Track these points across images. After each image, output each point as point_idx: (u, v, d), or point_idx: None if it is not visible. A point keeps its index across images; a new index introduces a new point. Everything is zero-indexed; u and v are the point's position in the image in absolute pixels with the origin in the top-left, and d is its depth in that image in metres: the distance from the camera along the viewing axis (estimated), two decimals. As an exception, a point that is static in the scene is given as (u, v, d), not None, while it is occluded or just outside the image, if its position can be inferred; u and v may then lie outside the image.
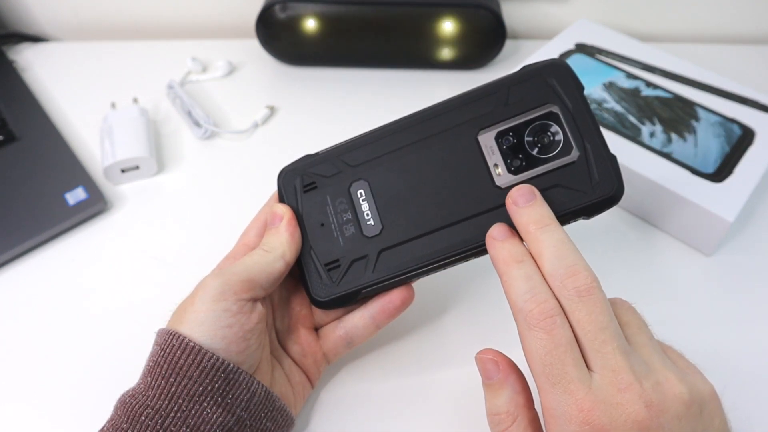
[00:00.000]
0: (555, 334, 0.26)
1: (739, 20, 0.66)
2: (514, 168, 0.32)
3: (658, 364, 0.27)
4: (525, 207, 0.30)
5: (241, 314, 0.31)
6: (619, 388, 0.26)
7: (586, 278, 0.27)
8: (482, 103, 0.33)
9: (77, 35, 0.68)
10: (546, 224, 0.29)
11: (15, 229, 0.45)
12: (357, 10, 0.56)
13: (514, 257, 0.29)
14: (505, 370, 0.29)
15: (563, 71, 0.32)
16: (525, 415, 0.28)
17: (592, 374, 0.26)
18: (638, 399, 0.25)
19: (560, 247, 0.28)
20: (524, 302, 0.27)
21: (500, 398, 0.29)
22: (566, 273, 0.27)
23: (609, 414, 0.25)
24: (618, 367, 0.26)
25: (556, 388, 0.26)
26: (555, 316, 0.27)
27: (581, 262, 0.28)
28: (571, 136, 0.32)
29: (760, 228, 0.47)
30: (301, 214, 0.35)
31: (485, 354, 0.29)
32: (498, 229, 0.30)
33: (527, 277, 0.28)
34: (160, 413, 0.29)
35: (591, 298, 0.27)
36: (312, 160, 0.36)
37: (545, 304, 0.27)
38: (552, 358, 0.26)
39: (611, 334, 0.26)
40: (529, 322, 0.27)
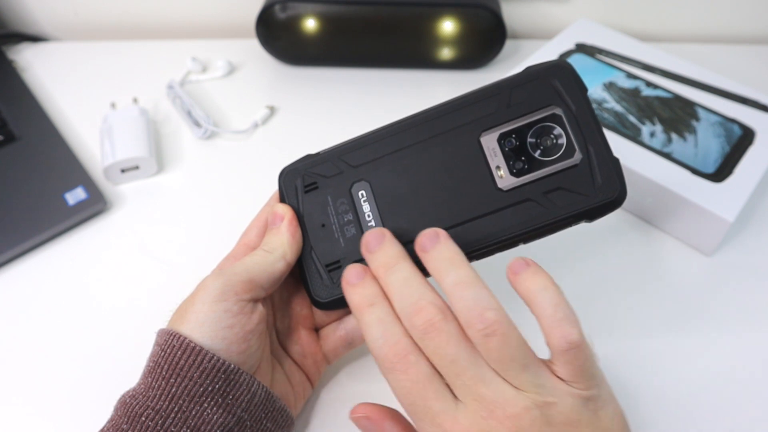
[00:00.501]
0: (411, 372, 0.27)
1: (739, 20, 0.66)
2: (516, 170, 0.32)
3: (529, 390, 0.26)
4: (375, 252, 0.30)
5: (242, 315, 0.31)
6: (483, 416, 0.26)
7: (428, 313, 0.27)
8: (485, 105, 0.33)
9: (77, 35, 0.68)
10: (392, 265, 0.29)
11: (15, 229, 0.45)
12: (357, 10, 0.56)
13: (367, 301, 0.29)
14: (378, 421, 0.30)
15: (567, 73, 0.32)
16: None
17: (459, 404, 0.27)
18: (501, 425, 0.26)
19: (404, 287, 0.28)
20: (379, 347, 0.28)
21: None
22: (411, 312, 0.27)
23: None
24: (478, 395, 0.26)
25: (424, 422, 0.27)
26: (408, 354, 0.27)
27: (426, 296, 0.28)
28: (574, 139, 0.32)
29: (760, 228, 0.47)
30: (302, 215, 0.35)
31: (356, 413, 0.30)
32: (351, 272, 0.30)
33: (379, 321, 0.28)
34: (161, 414, 0.29)
35: (434, 333, 0.27)
36: (313, 160, 0.36)
37: (397, 346, 0.27)
38: (413, 396, 0.27)
39: (463, 365, 0.26)
40: (386, 365, 0.27)
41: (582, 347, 0.27)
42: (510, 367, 0.26)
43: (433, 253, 0.29)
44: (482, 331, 0.26)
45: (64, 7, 0.66)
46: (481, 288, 0.28)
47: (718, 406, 0.38)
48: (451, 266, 0.28)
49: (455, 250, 0.29)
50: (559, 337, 0.27)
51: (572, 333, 0.27)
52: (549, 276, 0.28)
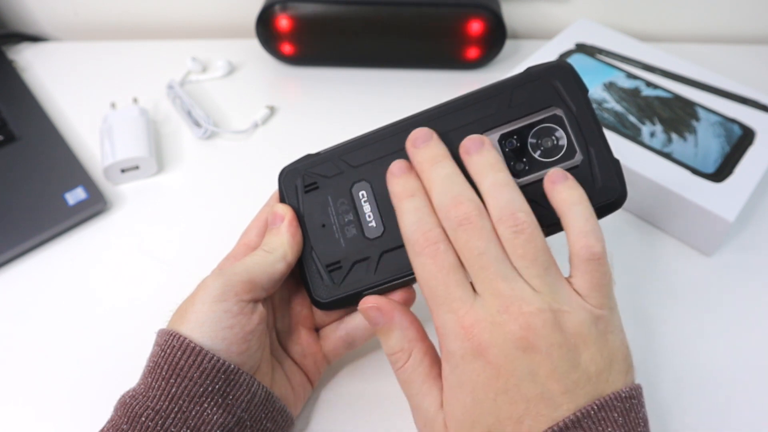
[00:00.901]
0: (438, 258, 0.28)
1: (739, 20, 0.66)
2: (517, 171, 0.32)
3: (551, 294, 0.27)
4: (421, 147, 0.31)
5: (242, 315, 0.31)
6: (499, 310, 0.27)
7: (467, 208, 0.28)
8: (486, 105, 0.33)
9: (77, 35, 0.68)
10: (437, 161, 0.30)
11: (15, 229, 0.45)
12: (357, 10, 0.56)
13: (407, 191, 0.30)
14: (388, 313, 0.30)
15: (568, 73, 0.32)
16: (419, 348, 0.30)
17: (477, 296, 0.28)
18: (515, 321, 0.26)
19: (447, 181, 0.29)
20: (411, 232, 0.29)
21: (391, 339, 0.30)
22: (450, 204, 0.29)
23: (489, 331, 0.27)
24: (497, 290, 0.27)
25: (441, 307, 0.28)
26: (438, 242, 0.28)
27: (466, 193, 0.29)
28: (575, 140, 0.31)
29: (760, 228, 0.47)
30: (302, 215, 0.35)
31: (366, 303, 0.31)
32: (397, 165, 0.31)
33: (415, 209, 0.29)
34: (161, 414, 0.29)
35: (470, 226, 0.28)
36: (313, 159, 0.36)
37: (430, 233, 0.29)
38: (436, 280, 0.28)
39: (489, 259, 0.27)
40: (416, 249, 0.29)
41: (602, 262, 0.28)
42: (532, 265, 0.28)
43: (476, 156, 0.30)
44: (511, 228, 0.28)
45: (64, 7, 0.66)
46: (517, 192, 0.29)
47: (718, 405, 0.38)
48: (491, 169, 0.30)
49: (497, 156, 0.30)
50: (584, 246, 0.28)
51: (596, 245, 0.28)
52: (584, 192, 0.29)
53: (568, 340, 0.27)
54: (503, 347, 0.26)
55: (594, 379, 0.27)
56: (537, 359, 0.26)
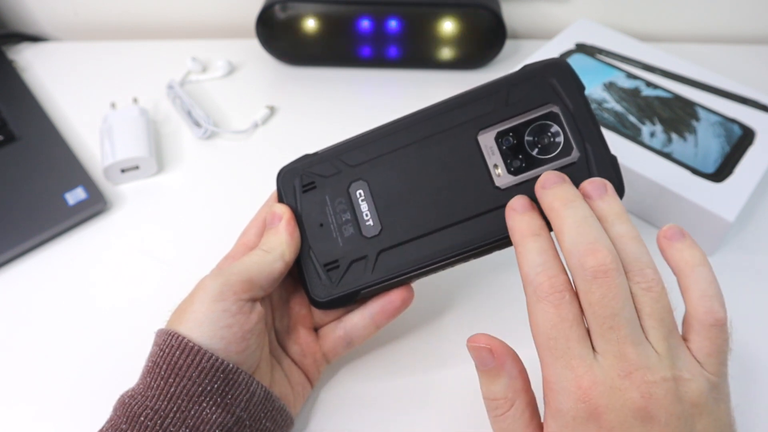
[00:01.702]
0: (562, 308, 0.26)
1: (739, 20, 0.66)
2: (513, 168, 0.32)
3: (671, 359, 0.26)
4: (552, 187, 0.29)
5: (241, 314, 0.31)
6: (620, 375, 0.25)
7: (605, 258, 0.26)
8: (482, 103, 0.33)
9: (77, 35, 0.68)
10: (571, 201, 0.28)
11: (15, 229, 0.45)
12: (357, 10, 0.56)
13: (531, 230, 0.28)
14: (500, 357, 0.28)
15: (564, 71, 0.32)
16: (523, 399, 0.28)
17: (596, 356, 0.26)
18: (637, 388, 0.25)
19: (583, 224, 0.27)
20: (535, 275, 0.27)
21: (497, 385, 0.28)
22: (585, 251, 0.26)
23: (607, 396, 0.25)
24: (623, 354, 0.25)
25: (558, 362, 0.26)
26: (564, 291, 0.26)
27: (603, 240, 0.27)
28: (572, 137, 0.31)
29: (760, 228, 0.47)
30: (300, 214, 0.35)
31: (478, 342, 0.28)
32: (519, 201, 0.30)
33: (541, 251, 0.27)
34: (160, 414, 0.29)
35: (606, 281, 0.26)
36: (311, 159, 0.36)
37: (555, 279, 0.27)
38: (557, 332, 0.26)
39: (621, 321, 0.26)
40: (538, 294, 0.27)
41: (724, 329, 0.27)
42: (659, 326, 0.26)
43: (600, 203, 0.29)
44: (641, 284, 0.27)
45: (64, 7, 0.66)
46: (644, 246, 0.28)
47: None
48: (618, 219, 0.28)
49: (622, 206, 0.29)
50: (708, 311, 0.27)
51: (721, 311, 0.27)
52: (703, 252, 0.28)
53: (686, 410, 0.25)
54: (620, 414, 0.25)
55: None
56: (654, 429, 0.25)
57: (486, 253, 0.33)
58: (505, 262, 0.44)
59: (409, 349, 0.40)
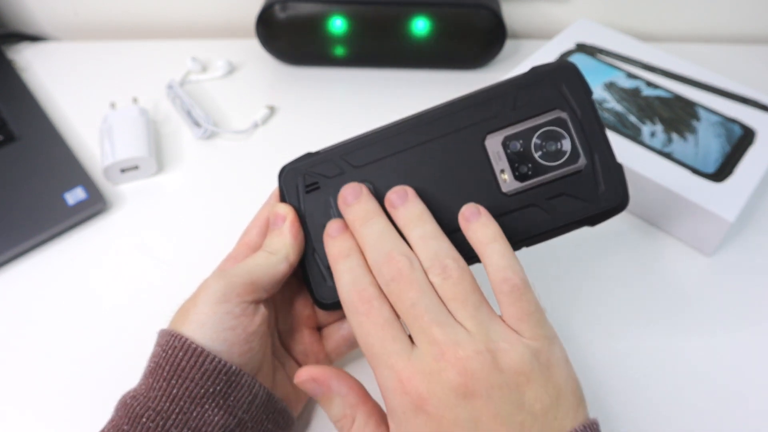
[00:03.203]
0: (372, 315, 0.28)
1: (739, 20, 0.66)
2: (520, 174, 0.32)
3: (483, 334, 0.27)
4: (351, 204, 0.31)
5: (244, 316, 0.31)
6: (434, 357, 0.26)
7: (399, 262, 0.28)
8: (490, 106, 0.33)
9: (77, 35, 0.68)
10: (368, 219, 0.30)
11: (14, 229, 0.45)
12: (357, 10, 0.56)
13: (342, 252, 0.30)
14: (324, 383, 0.30)
15: (573, 75, 0.32)
16: (362, 411, 0.30)
17: (414, 348, 0.27)
18: (452, 367, 0.26)
19: (379, 239, 0.30)
20: (346, 293, 0.29)
21: (333, 407, 0.30)
22: (383, 260, 0.29)
23: (427, 382, 0.26)
24: (432, 338, 0.27)
25: (379, 364, 0.27)
26: (372, 300, 0.28)
27: (398, 248, 0.29)
28: (579, 144, 0.31)
29: (760, 228, 0.47)
30: (304, 215, 0.35)
31: (300, 377, 0.31)
32: (332, 226, 0.32)
33: (350, 270, 0.30)
34: (162, 415, 0.29)
35: (402, 279, 0.28)
36: (314, 159, 0.35)
37: (364, 292, 0.29)
38: (372, 337, 0.28)
39: (421, 308, 0.27)
40: (351, 309, 0.29)
41: (525, 291, 0.28)
42: (463, 306, 0.27)
43: (402, 210, 0.31)
44: (440, 274, 0.28)
45: (64, 7, 0.66)
46: (444, 241, 0.29)
47: (717, 405, 0.38)
48: (419, 221, 0.30)
49: (422, 208, 0.31)
50: (503, 279, 0.28)
51: (514, 277, 0.28)
52: (498, 227, 0.30)
53: (508, 379, 0.26)
54: (442, 397, 0.26)
55: (541, 419, 0.26)
56: (478, 405, 0.26)
57: None
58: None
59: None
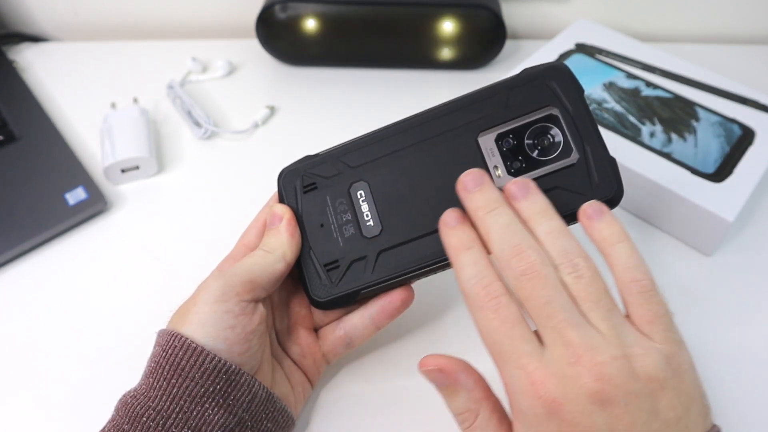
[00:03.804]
0: (500, 312, 0.27)
1: (739, 20, 0.66)
2: (513, 170, 0.32)
3: (618, 338, 0.26)
4: (474, 192, 0.30)
5: (243, 315, 0.31)
6: (570, 362, 0.25)
7: (529, 257, 0.27)
8: (483, 106, 0.33)
9: (77, 35, 0.68)
10: (493, 208, 0.29)
11: (15, 229, 0.45)
12: (357, 10, 0.56)
13: (463, 243, 0.29)
14: (452, 374, 0.29)
15: (563, 74, 0.33)
16: (486, 407, 0.29)
17: (545, 349, 0.26)
18: (589, 372, 0.25)
19: (506, 230, 0.28)
20: (471, 286, 0.28)
21: (457, 400, 0.29)
22: (511, 254, 0.28)
23: (562, 386, 0.25)
24: (567, 340, 0.25)
25: (508, 364, 0.26)
26: (500, 296, 0.27)
27: (526, 241, 0.28)
28: (571, 139, 0.32)
29: (760, 228, 0.47)
30: (301, 215, 0.35)
31: (427, 365, 0.29)
32: (450, 216, 0.30)
33: (474, 263, 0.28)
34: (162, 414, 0.29)
35: (534, 275, 0.27)
36: (312, 160, 0.36)
37: (490, 287, 0.27)
38: (501, 335, 0.27)
39: (557, 308, 0.26)
40: (477, 304, 0.27)
41: (654, 293, 0.27)
42: (597, 308, 0.27)
43: (525, 203, 0.29)
44: (572, 273, 0.27)
45: (64, 7, 0.66)
46: (572, 238, 0.28)
47: (717, 405, 0.38)
48: (545, 215, 0.29)
49: (546, 201, 0.30)
50: (632, 280, 0.27)
51: (644, 278, 0.28)
52: (622, 226, 0.29)
53: (644, 386, 0.25)
54: (578, 403, 0.25)
55: (674, 427, 0.25)
56: (615, 412, 0.25)
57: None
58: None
59: (409, 350, 0.40)
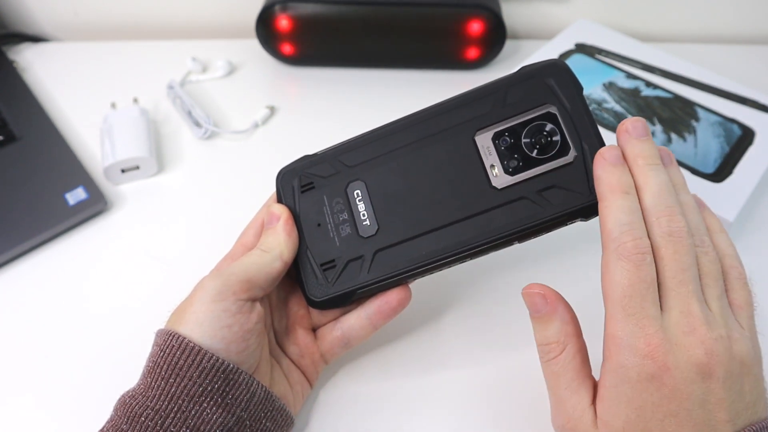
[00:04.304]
0: (642, 269, 0.27)
1: (739, 20, 0.66)
2: (510, 168, 0.32)
3: (723, 318, 0.28)
4: (639, 139, 0.30)
5: (241, 314, 0.31)
6: (685, 331, 0.27)
7: (679, 222, 0.28)
8: (480, 104, 0.33)
9: (77, 35, 0.68)
10: (655, 163, 0.30)
11: (15, 229, 0.46)
12: (357, 10, 0.56)
13: (621, 186, 0.29)
14: (552, 303, 0.30)
15: (562, 72, 0.32)
16: (574, 344, 0.30)
17: (664, 314, 0.27)
18: (701, 345, 0.26)
19: (663, 188, 0.29)
20: (621, 233, 0.28)
21: (550, 329, 0.30)
22: (664, 212, 0.28)
23: (673, 353, 0.26)
24: (689, 310, 0.27)
25: (630, 319, 0.27)
26: (646, 253, 0.28)
27: (678, 207, 0.29)
28: (569, 137, 0.32)
29: (760, 228, 0.47)
30: (299, 214, 0.35)
31: (532, 289, 0.30)
32: (612, 152, 0.30)
33: (630, 210, 0.28)
34: (160, 414, 0.29)
35: (681, 240, 0.28)
36: (310, 160, 0.36)
37: (640, 241, 0.28)
38: (633, 290, 0.27)
39: (690, 277, 0.27)
40: (621, 252, 0.28)
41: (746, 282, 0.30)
42: (714, 286, 0.28)
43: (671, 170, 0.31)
44: (701, 248, 0.29)
45: (64, 7, 0.66)
46: (701, 216, 0.30)
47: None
48: (683, 189, 0.31)
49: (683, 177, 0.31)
50: (729, 266, 0.30)
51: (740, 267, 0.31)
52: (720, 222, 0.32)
53: (739, 369, 0.27)
54: (683, 371, 0.26)
55: (751, 409, 0.27)
56: (712, 387, 0.26)
57: (483, 253, 0.33)
58: (502, 263, 0.44)
59: (408, 350, 0.40)
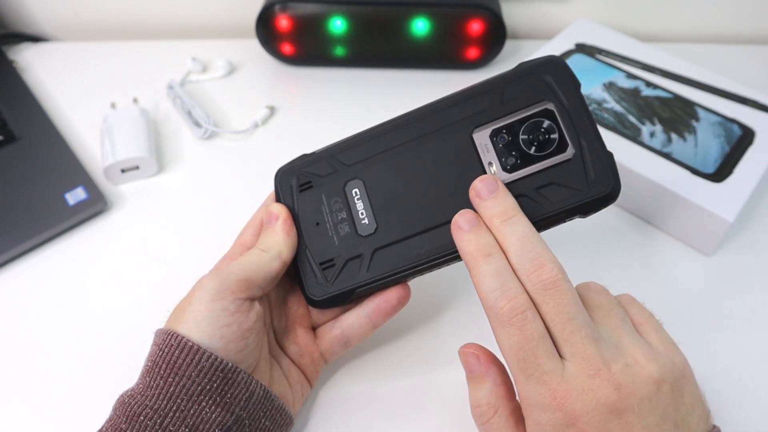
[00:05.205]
0: (526, 329, 0.27)
1: (739, 20, 0.66)
2: (508, 166, 0.32)
3: (628, 345, 0.28)
4: (488, 199, 0.30)
5: (239, 313, 0.31)
6: (589, 374, 0.26)
7: (551, 271, 0.27)
8: (477, 101, 0.33)
9: (77, 35, 0.68)
10: (510, 216, 0.29)
11: (15, 229, 0.45)
12: (357, 10, 0.56)
13: (482, 250, 0.29)
14: (485, 364, 0.30)
15: (559, 68, 0.32)
16: (506, 407, 0.29)
17: (565, 362, 0.27)
18: (607, 383, 0.26)
19: (525, 241, 0.28)
20: (495, 299, 0.27)
21: (481, 390, 0.30)
22: (532, 267, 0.28)
23: (581, 400, 0.26)
24: (587, 354, 0.27)
25: (530, 379, 0.27)
26: (526, 311, 0.27)
27: (546, 254, 0.28)
28: (567, 134, 0.31)
29: (760, 228, 0.47)
30: (297, 214, 0.35)
31: (467, 348, 0.30)
32: (464, 218, 0.30)
33: (496, 273, 0.28)
34: (159, 413, 0.29)
35: (557, 291, 0.27)
36: (308, 159, 0.36)
37: (515, 301, 0.27)
38: (524, 352, 0.27)
39: (579, 324, 0.27)
40: (500, 319, 0.27)
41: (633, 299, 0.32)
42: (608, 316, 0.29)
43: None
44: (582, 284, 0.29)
45: (64, 7, 0.66)
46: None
47: (717, 406, 0.38)
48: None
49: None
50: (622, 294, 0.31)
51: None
52: None
53: (654, 390, 0.27)
54: (596, 414, 0.26)
55: (681, 427, 0.27)
56: (630, 419, 0.26)
57: None
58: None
59: (407, 349, 0.40)
